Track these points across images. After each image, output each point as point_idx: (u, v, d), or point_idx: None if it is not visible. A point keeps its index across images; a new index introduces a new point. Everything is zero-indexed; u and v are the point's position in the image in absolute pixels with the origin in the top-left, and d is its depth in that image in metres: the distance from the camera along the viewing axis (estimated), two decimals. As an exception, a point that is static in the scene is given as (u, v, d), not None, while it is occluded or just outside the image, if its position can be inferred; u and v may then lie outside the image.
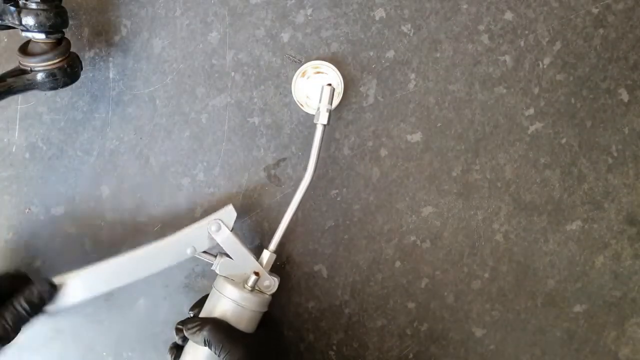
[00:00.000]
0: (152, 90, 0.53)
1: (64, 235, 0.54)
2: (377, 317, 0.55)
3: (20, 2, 0.44)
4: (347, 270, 0.54)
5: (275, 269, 0.54)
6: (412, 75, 0.52)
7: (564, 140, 0.53)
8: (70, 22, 0.51)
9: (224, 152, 0.53)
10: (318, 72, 0.50)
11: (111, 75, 0.53)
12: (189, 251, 0.48)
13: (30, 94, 0.53)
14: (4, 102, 0.52)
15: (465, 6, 0.52)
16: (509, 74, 0.53)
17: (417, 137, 0.53)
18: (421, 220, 0.54)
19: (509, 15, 0.52)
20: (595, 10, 0.52)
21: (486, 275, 0.54)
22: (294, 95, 0.51)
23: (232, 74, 0.52)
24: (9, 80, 0.45)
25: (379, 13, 0.52)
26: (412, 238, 0.54)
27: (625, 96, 0.53)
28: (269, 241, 0.50)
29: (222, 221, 0.48)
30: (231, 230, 0.48)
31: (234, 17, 0.52)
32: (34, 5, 0.43)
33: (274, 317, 0.50)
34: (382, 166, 0.53)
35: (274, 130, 0.53)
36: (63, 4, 0.46)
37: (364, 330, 0.55)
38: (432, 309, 0.55)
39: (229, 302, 0.46)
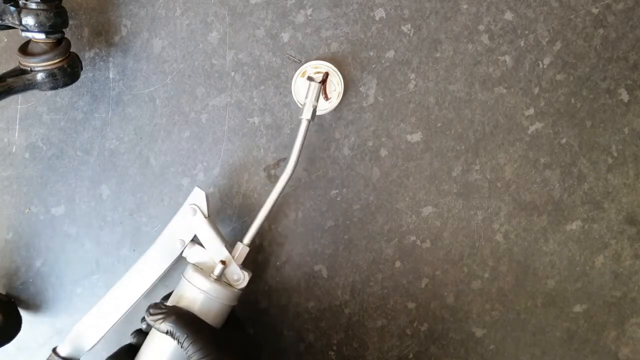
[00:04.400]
0: (152, 90, 0.53)
1: (64, 235, 0.54)
2: (377, 317, 0.55)
3: (20, 2, 0.44)
4: (347, 270, 0.54)
5: (275, 268, 0.54)
6: (412, 75, 0.52)
7: (564, 140, 0.53)
8: (70, 22, 0.51)
9: (224, 152, 0.53)
10: (318, 72, 0.50)
11: (111, 75, 0.53)
12: (178, 246, 0.47)
13: (30, 94, 0.53)
14: (4, 102, 0.52)
15: (465, 6, 0.52)
16: (509, 74, 0.53)
17: (417, 137, 0.53)
18: (421, 220, 0.54)
19: (509, 15, 0.52)
20: (595, 10, 0.52)
21: (486, 275, 0.54)
22: (294, 95, 0.51)
23: (232, 74, 0.52)
24: (9, 80, 0.45)
25: (379, 13, 0.52)
26: (412, 238, 0.54)
27: (625, 96, 0.53)
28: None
29: (197, 206, 0.47)
30: (207, 217, 0.47)
31: (234, 17, 0.52)
32: (34, 5, 0.43)
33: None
34: (382, 166, 0.53)
35: (274, 130, 0.53)
36: (63, 4, 0.46)
37: (364, 330, 0.55)
38: (432, 309, 0.55)
39: (196, 291, 0.44)
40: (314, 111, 0.48)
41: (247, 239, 0.48)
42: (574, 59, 0.53)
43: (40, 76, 0.46)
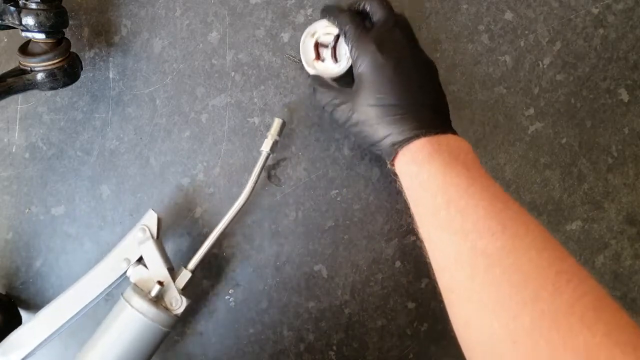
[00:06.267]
0: (152, 90, 0.53)
1: (64, 235, 0.54)
2: (377, 317, 0.55)
3: (20, 2, 0.44)
4: (347, 270, 0.54)
5: (275, 268, 0.54)
6: (412, 75, 0.52)
7: (564, 140, 0.53)
8: (70, 22, 0.51)
9: (224, 152, 0.53)
10: (328, 34, 0.49)
11: (111, 75, 0.53)
12: (124, 265, 0.47)
13: (30, 94, 0.53)
14: (4, 102, 0.52)
15: (465, 6, 0.52)
16: (509, 74, 0.53)
17: (417, 137, 0.53)
18: (421, 220, 0.54)
19: (509, 15, 0.52)
20: (595, 10, 0.52)
21: (486, 275, 0.54)
22: (302, 57, 0.50)
23: (232, 74, 0.52)
24: (9, 80, 0.46)
25: (379, 13, 0.52)
26: (412, 238, 0.54)
27: (625, 96, 0.53)
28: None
29: (147, 227, 0.47)
30: (155, 239, 0.47)
31: (234, 17, 0.52)
32: (34, 5, 0.43)
33: None
34: (382, 166, 0.53)
35: (274, 130, 0.53)
36: (63, 4, 0.46)
37: (364, 330, 0.55)
38: (432, 309, 0.55)
39: (132, 311, 0.44)
40: (274, 145, 0.49)
41: (191, 264, 0.48)
42: (574, 59, 0.53)
43: (40, 76, 0.46)
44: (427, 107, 0.42)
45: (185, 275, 0.48)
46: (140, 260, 0.47)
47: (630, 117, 0.53)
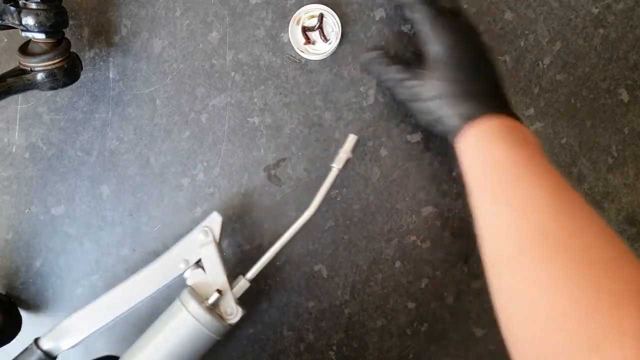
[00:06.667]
0: (152, 90, 0.53)
1: (64, 235, 0.54)
2: (377, 317, 0.55)
3: (20, 2, 0.44)
4: (347, 270, 0.54)
5: (275, 268, 0.54)
6: (412, 75, 0.52)
7: (564, 140, 0.53)
8: (70, 22, 0.51)
9: (224, 152, 0.53)
10: (312, 17, 0.51)
11: (111, 75, 0.53)
12: (182, 266, 0.46)
13: (30, 94, 0.53)
14: (4, 102, 0.52)
15: (465, 6, 0.52)
16: (509, 74, 0.53)
17: (417, 137, 0.53)
18: (421, 220, 0.54)
19: (509, 15, 0.52)
20: (595, 10, 0.52)
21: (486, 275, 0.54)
22: (293, 44, 0.51)
23: (232, 74, 0.52)
24: (9, 80, 0.45)
25: (379, 13, 0.52)
26: (412, 238, 0.54)
27: (625, 96, 0.53)
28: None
29: (210, 230, 0.47)
30: (217, 243, 0.47)
31: (234, 17, 0.52)
32: (34, 5, 0.43)
33: None
34: (382, 166, 0.53)
35: (274, 130, 0.53)
36: (63, 4, 0.46)
37: (364, 330, 0.55)
38: (432, 309, 0.55)
39: (186, 315, 0.44)
40: (346, 162, 0.49)
41: (250, 274, 0.47)
42: (574, 59, 0.53)
43: (40, 76, 0.46)
44: (495, 88, 0.44)
45: (243, 285, 0.47)
46: (198, 262, 0.47)
47: (630, 117, 0.53)
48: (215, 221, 0.47)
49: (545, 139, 0.53)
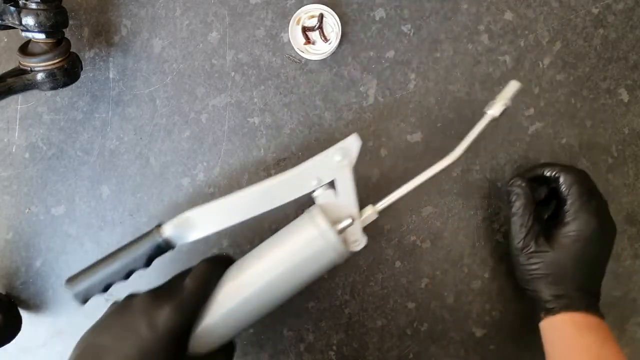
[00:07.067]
0: (152, 90, 0.53)
1: (64, 235, 0.54)
2: (377, 317, 0.55)
3: (20, 2, 0.44)
4: (347, 270, 0.54)
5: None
6: (412, 75, 0.52)
7: (564, 140, 0.53)
8: (70, 22, 0.51)
9: (224, 152, 0.53)
10: (312, 17, 0.51)
11: (111, 75, 0.53)
12: (314, 183, 0.44)
13: (30, 94, 0.53)
14: (4, 102, 0.52)
15: (465, 6, 0.52)
16: (509, 74, 0.53)
17: (417, 137, 0.53)
18: (421, 220, 0.54)
19: (509, 15, 0.52)
20: (595, 10, 0.52)
21: (486, 275, 0.54)
22: (293, 45, 0.51)
23: (232, 74, 0.52)
24: (9, 80, 0.46)
25: (379, 13, 0.52)
26: (412, 238, 0.54)
27: (625, 96, 0.53)
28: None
29: (347, 151, 0.44)
30: (352, 167, 0.44)
31: (234, 17, 0.52)
32: (34, 5, 0.43)
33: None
34: (382, 166, 0.53)
35: (274, 130, 0.53)
36: (63, 4, 0.46)
37: (364, 330, 0.55)
38: (432, 309, 0.55)
39: (316, 234, 0.42)
40: (503, 111, 0.45)
41: (380, 205, 0.46)
42: (574, 59, 0.53)
43: (40, 76, 0.46)
44: (599, 287, 0.48)
45: (371, 216, 0.46)
46: (330, 184, 0.45)
47: (630, 117, 0.53)
48: (353, 144, 0.45)
49: (545, 139, 0.53)
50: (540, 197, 0.51)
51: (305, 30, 0.51)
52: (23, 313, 0.54)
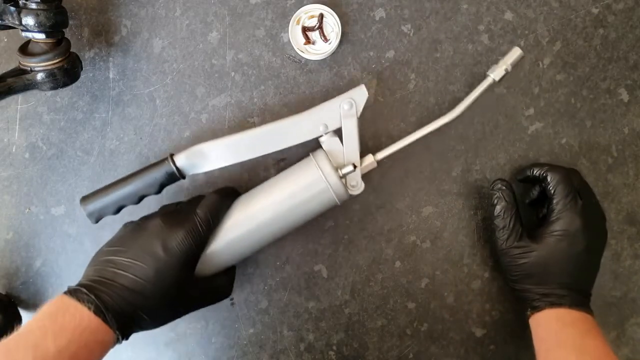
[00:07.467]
0: (152, 90, 0.53)
1: (64, 235, 0.54)
2: (377, 317, 0.55)
3: (20, 2, 0.44)
4: (347, 270, 0.54)
5: (275, 269, 0.54)
6: (412, 75, 0.52)
7: (564, 140, 0.53)
8: (70, 22, 0.51)
9: (224, 152, 0.53)
10: (312, 17, 0.51)
11: (111, 75, 0.53)
12: (321, 128, 0.47)
13: (30, 94, 0.53)
14: (4, 102, 0.52)
15: (465, 6, 0.52)
16: (509, 74, 0.52)
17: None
18: (421, 220, 0.54)
19: (509, 15, 0.52)
20: (595, 10, 0.52)
21: (486, 275, 0.54)
22: (293, 45, 0.51)
23: (232, 74, 0.52)
24: (9, 80, 0.46)
25: (379, 13, 0.52)
26: (412, 238, 0.54)
27: (625, 96, 0.53)
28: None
29: (354, 101, 0.47)
30: (358, 117, 0.47)
31: (234, 17, 0.52)
32: (34, 5, 0.43)
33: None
34: (382, 166, 0.53)
35: (274, 130, 0.53)
36: (63, 4, 0.46)
37: (364, 330, 0.55)
38: (432, 309, 0.55)
39: (319, 176, 0.45)
40: (504, 75, 0.47)
41: (380, 155, 0.48)
42: (574, 59, 0.53)
43: (40, 76, 0.46)
44: (589, 285, 0.49)
45: (371, 164, 0.48)
46: (336, 131, 0.47)
47: (630, 117, 0.53)
48: (361, 95, 0.47)
49: (545, 139, 0.53)
50: (533, 197, 0.51)
51: (305, 30, 0.51)
52: (23, 313, 0.54)
